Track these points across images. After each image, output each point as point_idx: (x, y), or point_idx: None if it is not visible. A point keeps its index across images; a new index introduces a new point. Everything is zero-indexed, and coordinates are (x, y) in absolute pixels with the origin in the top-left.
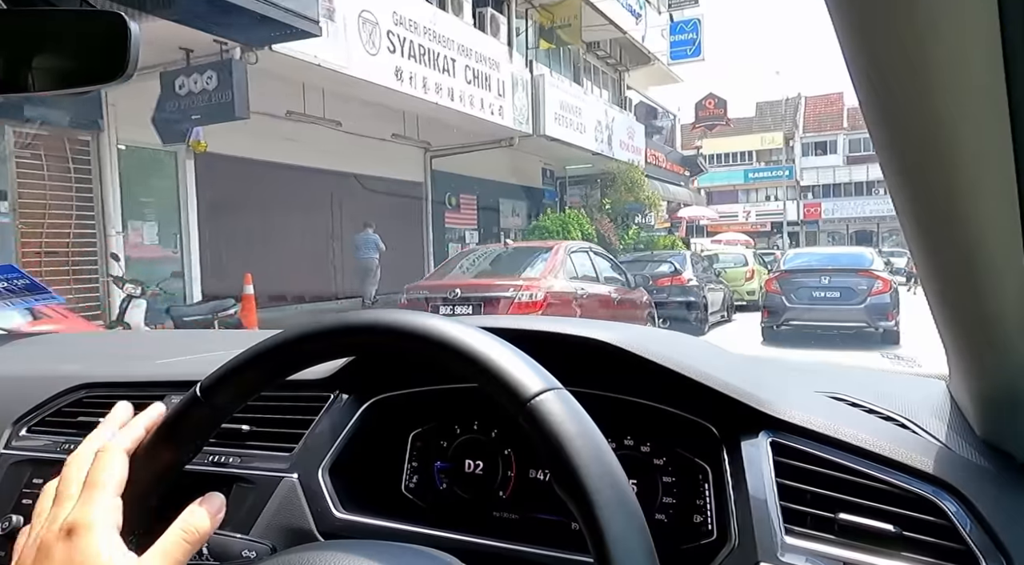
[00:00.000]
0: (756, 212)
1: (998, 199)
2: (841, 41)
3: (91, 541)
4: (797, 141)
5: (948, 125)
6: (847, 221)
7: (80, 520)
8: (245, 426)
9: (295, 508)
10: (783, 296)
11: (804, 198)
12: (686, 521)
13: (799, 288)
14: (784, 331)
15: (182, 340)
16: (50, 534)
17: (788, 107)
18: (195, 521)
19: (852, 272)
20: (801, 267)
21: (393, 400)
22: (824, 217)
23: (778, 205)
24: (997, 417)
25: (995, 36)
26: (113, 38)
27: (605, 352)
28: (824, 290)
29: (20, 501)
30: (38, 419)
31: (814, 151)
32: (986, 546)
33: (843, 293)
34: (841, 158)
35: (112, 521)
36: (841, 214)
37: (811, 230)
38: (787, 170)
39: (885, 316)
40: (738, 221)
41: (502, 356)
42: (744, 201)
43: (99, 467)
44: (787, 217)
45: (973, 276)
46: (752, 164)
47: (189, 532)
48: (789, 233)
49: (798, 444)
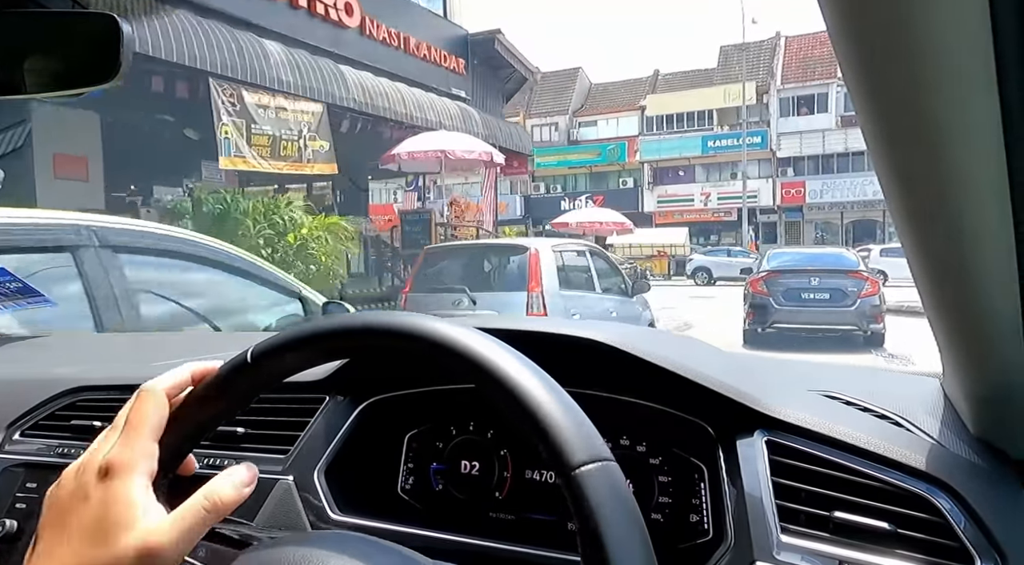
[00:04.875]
0: (718, 194)
1: (991, 196)
2: (830, 29)
3: (124, 484)
4: (774, 95)
5: (938, 122)
6: (841, 207)
7: (116, 461)
8: (240, 428)
9: (291, 510)
10: (770, 297)
11: (782, 175)
12: (682, 520)
13: (787, 289)
14: (766, 334)
15: (177, 342)
16: (89, 471)
17: (763, 51)
18: (219, 490)
19: (842, 273)
20: (787, 267)
21: (388, 401)
22: (809, 201)
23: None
24: (991, 414)
25: (985, 27)
26: (105, 39)
27: (600, 352)
28: (813, 291)
29: (14, 505)
30: (32, 423)
31: (796, 109)
32: (980, 543)
33: (833, 294)
34: (833, 118)
35: (146, 467)
36: (833, 196)
37: (793, 219)
38: (759, 136)
39: (875, 318)
40: (694, 207)
41: (558, 411)
42: (703, 180)
43: (138, 408)
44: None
45: (966, 273)
46: (713, 128)
47: (211, 501)
48: (763, 224)
49: (793, 443)
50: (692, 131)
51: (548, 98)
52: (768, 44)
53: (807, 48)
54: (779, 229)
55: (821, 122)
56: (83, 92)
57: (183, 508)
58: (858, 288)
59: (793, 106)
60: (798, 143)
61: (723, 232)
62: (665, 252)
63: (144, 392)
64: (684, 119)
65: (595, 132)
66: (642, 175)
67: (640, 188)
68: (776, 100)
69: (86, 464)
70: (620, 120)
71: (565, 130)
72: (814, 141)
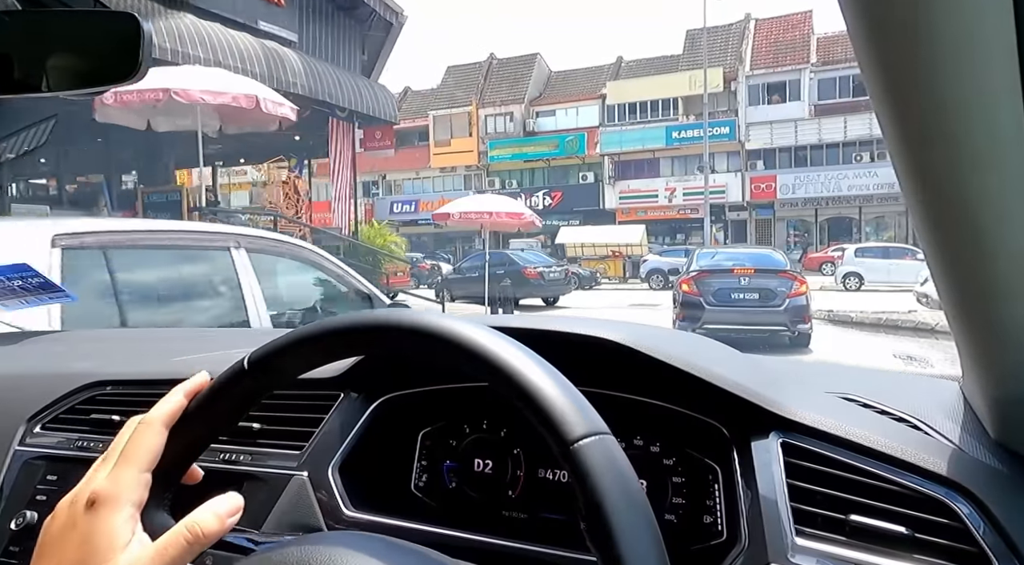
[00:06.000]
0: (684, 190)
1: (1013, 199)
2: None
3: (109, 516)
4: (742, 82)
5: (962, 126)
6: (815, 203)
7: (103, 492)
8: (256, 424)
9: (305, 506)
10: (701, 297)
11: (751, 168)
12: (696, 522)
13: (717, 289)
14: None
15: (195, 337)
16: (78, 501)
17: (731, 35)
18: (201, 522)
19: (772, 273)
20: (718, 267)
21: (402, 399)
22: (781, 197)
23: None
24: (1011, 419)
25: (1010, 29)
26: (126, 38)
27: (615, 351)
28: (743, 291)
29: (35, 497)
30: (52, 416)
31: (766, 97)
32: (999, 549)
33: (762, 294)
34: (806, 107)
35: (135, 498)
36: (806, 192)
37: (764, 216)
38: (727, 126)
39: (803, 319)
40: (659, 203)
41: (554, 389)
42: (668, 173)
43: (134, 440)
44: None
45: (987, 278)
46: (679, 118)
47: (194, 532)
48: (733, 222)
49: (809, 445)
50: (656, 121)
51: (503, 86)
52: (736, 27)
53: (778, 31)
54: (749, 227)
55: (793, 111)
56: (104, 90)
57: (165, 539)
58: (786, 288)
59: (763, 94)
60: (768, 134)
61: (692, 230)
62: (620, 252)
63: (141, 424)
64: (648, 108)
65: (553, 122)
66: (603, 169)
67: (601, 183)
68: (745, 87)
69: (77, 495)
70: (580, 110)
71: (521, 120)
72: (786, 132)
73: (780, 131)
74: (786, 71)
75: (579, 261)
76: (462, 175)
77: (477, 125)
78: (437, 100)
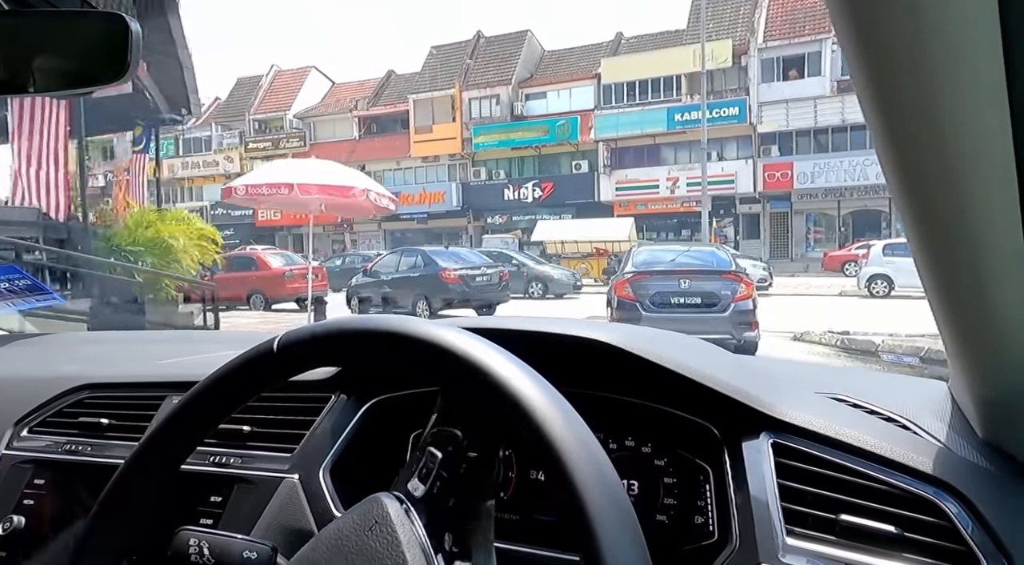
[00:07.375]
0: (688, 179)
1: (1000, 199)
2: (837, 28)
3: None
4: (755, 55)
5: (949, 125)
6: (838, 194)
7: None
8: (246, 427)
9: (296, 508)
10: (637, 302)
11: (765, 154)
12: (687, 522)
13: (655, 293)
14: None
15: (182, 341)
16: None
17: (742, 2)
18: None
19: (715, 274)
20: (656, 268)
21: (393, 401)
22: (798, 187)
23: (721, 167)
24: (998, 418)
25: (995, 30)
26: (114, 39)
27: (606, 353)
28: (683, 295)
29: (21, 501)
30: (39, 420)
31: (782, 72)
32: (987, 547)
33: (704, 298)
34: (828, 83)
35: None
36: (827, 181)
37: (779, 209)
38: (736, 106)
39: (749, 325)
40: (660, 195)
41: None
42: (671, 161)
43: None
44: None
45: (975, 278)
46: (682, 98)
47: None
48: (744, 216)
49: (799, 445)
50: (656, 103)
51: (491, 66)
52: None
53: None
54: (763, 222)
55: (813, 88)
56: (91, 90)
57: None
58: (731, 291)
59: (778, 68)
60: (784, 114)
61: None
62: (605, 250)
63: None
64: (648, 88)
65: (544, 106)
66: (597, 156)
67: (596, 172)
68: (757, 61)
69: None
70: (573, 91)
71: (508, 103)
72: (804, 112)
73: (797, 111)
74: (805, 42)
75: (558, 259)
76: (446, 165)
77: (460, 109)
78: (420, 83)
